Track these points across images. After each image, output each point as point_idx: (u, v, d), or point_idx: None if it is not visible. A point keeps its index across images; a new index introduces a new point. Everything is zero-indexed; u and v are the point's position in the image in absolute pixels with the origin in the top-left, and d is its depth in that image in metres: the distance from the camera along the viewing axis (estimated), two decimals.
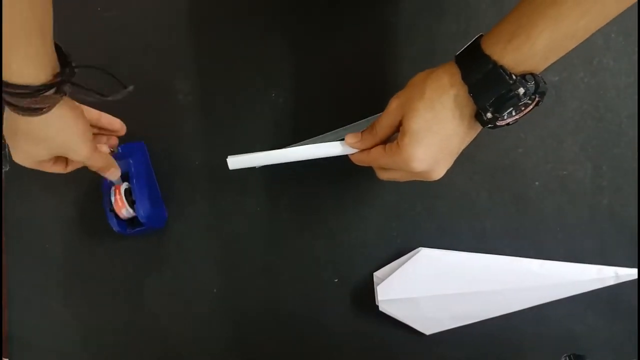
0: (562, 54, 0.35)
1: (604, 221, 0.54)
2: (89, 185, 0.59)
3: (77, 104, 0.44)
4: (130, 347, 0.60)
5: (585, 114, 0.54)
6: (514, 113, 0.37)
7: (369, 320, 0.56)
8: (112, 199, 0.53)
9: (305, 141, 0.50)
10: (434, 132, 0.39)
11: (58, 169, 0.47)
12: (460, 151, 0.42)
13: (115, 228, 0.54)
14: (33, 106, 0.38)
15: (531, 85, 0.35)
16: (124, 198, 0.53)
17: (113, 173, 0.51)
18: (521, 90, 0.35)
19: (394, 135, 0.43)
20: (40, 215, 0.60)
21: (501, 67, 0.35)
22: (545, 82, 0.36)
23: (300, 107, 0.56)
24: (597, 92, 0.54)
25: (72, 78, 0.41)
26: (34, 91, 0.37)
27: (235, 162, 0.48)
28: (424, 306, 0.53)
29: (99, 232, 0.59)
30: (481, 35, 0.37)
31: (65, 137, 0.43)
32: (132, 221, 0.55)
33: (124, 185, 0.54)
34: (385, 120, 0.42)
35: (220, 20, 0.58)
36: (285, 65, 0.56)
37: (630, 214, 0.54)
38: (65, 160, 0.48)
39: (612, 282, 0.53)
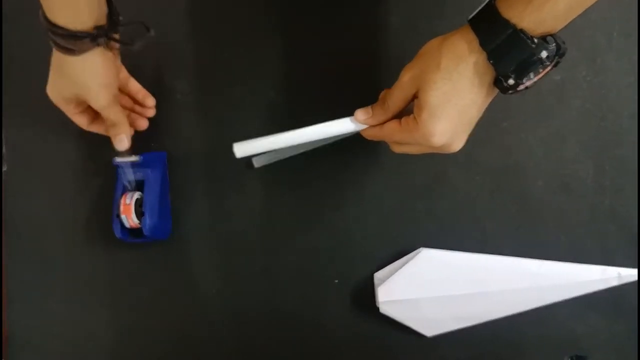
0: (581, 10, 0.33)
1: (606, 221, 0.54)
2: (89, 185, 0.59)
3: (113, 58, 0.46)
4: (130, 347, 0.59)
5: (587, 113, 0.54)
6: (532, 76, 0.35)
7: (369, 321, 0.56)
8: (122, 206, 0.53)
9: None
10: (452, 104, 0.37)
11: (81, 120, 0.50)
12: (477, 119, 0.40)
13: (118, 234, 0.54)
14: (66, 45, 0.42)
15: (552, 47, 0.34)
16: (133, 208, 0.53)
17: (122, 140, 0.50)
18: (544, 54, 0.34)
19: (408, 107, 0.41)
20: (40, 215, 0.60)
21: (521, 30, 0.33)
22: (564, 42, 0.35)
23: (300, 107, 0.56)
24: (600, 91, 0.53)
25: (111, 33, 0.44)
26: (69, 35, 0.41)
27: (243, 149, 0.45)
28: (425, 307, 0.52)
29: (99, 232, 0.59)
30: None
31: (88, 79, 0.45)
32: (136, 229, 0.55)
33: (136, 195, 0.54)
34: (397, 94, 0.40)
35: (220, 20, 0.58)
36: (285, 65, 0.56)
37: (632, 214, 0.54)
38: (90, 115, 0.50)
39: (615, 283, 0.53)
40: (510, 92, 0.36)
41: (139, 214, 0.53)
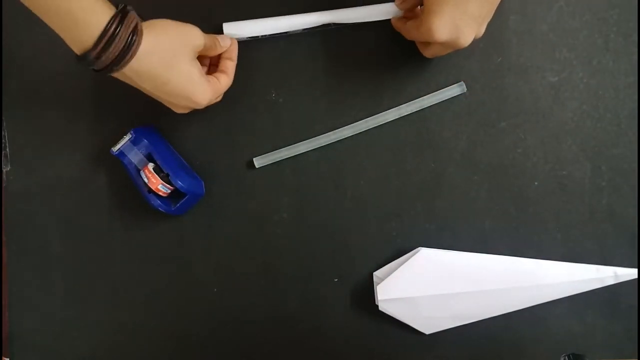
0: None
1: (603, 221, 0.54)
2: (91, 185, 0.59)
3: None
4: (130, 347, 0.60)
5: (584, 114, 0.54)
6: None
7: (368, 319, 0.56)
8: (145, 179, 0.52)
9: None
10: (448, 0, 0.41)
11: (223, 81, 0.50)
12: (482, 15, 0.43)
13: (162, 208, 0.53)
14: (131, 28, 0.40)
15: None
16: (156, 175, 0.52)
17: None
18: None
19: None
20: (40, 215, 0.60)
21: None
22: None
23: (300, 107, 0.56)
24: (597, 92, 0.54)
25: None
26: (118, 23, 0.39)
27: (232, 27, 0.50)
28: (424, 306, 0.53)
29: (98, 232, 0.59)
30: None
31: (179, 28, 0.45)
32: (171, 195, 0.54)
33: (150, 165, 0.53)
34: None
35: (219, 19, 0.58)
36: (285, 65, 0.56)
37: (629, 214, 0.54)
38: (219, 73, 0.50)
39: (611, 282, 0.53)
40: None
41: (164, 178, 0.52)
